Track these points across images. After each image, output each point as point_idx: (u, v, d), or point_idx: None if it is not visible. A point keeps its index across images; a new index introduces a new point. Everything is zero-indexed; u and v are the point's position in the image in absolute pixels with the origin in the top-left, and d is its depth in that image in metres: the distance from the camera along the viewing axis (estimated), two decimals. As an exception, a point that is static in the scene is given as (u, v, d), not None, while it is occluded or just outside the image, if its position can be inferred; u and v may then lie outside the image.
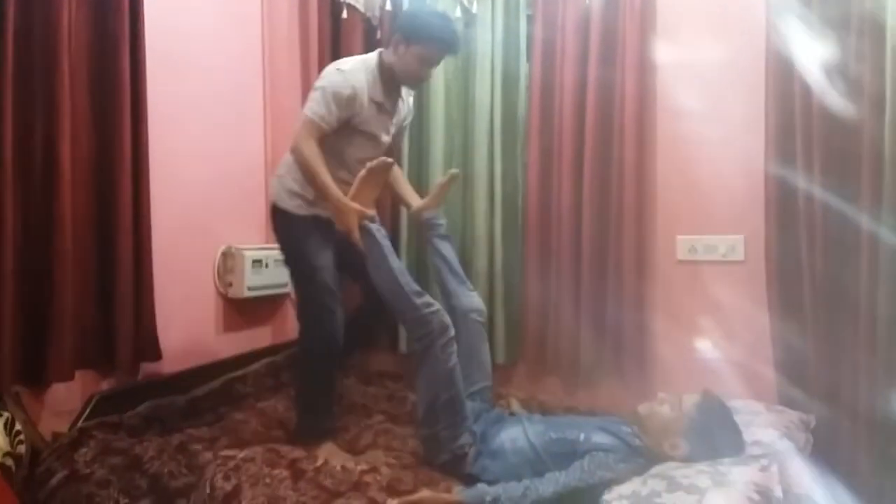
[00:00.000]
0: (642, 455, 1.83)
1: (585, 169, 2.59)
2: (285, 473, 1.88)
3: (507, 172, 2.80)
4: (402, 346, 2.94)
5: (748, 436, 1.81)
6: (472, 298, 2.35)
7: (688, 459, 1.73)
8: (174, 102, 2.57)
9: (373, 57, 2.27)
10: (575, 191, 2.63)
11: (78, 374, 2.18)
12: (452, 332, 2.04)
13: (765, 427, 1.90)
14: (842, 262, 2.15)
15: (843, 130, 2.12)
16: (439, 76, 2.81)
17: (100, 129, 2.26)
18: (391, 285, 2.06)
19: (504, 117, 2.77)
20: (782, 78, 2.26)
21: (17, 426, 1.94)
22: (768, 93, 2.30)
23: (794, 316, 2.29)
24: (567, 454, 1.85)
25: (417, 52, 2.17)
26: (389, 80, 2.26)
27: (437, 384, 2.00)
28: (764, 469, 1.59)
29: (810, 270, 2.21)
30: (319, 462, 1.95)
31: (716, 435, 1.79)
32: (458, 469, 1.98)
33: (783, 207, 2.28)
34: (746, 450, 1.77)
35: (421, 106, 2.90)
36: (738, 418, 2.01)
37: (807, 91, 2.19)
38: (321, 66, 3.00)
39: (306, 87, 3.18)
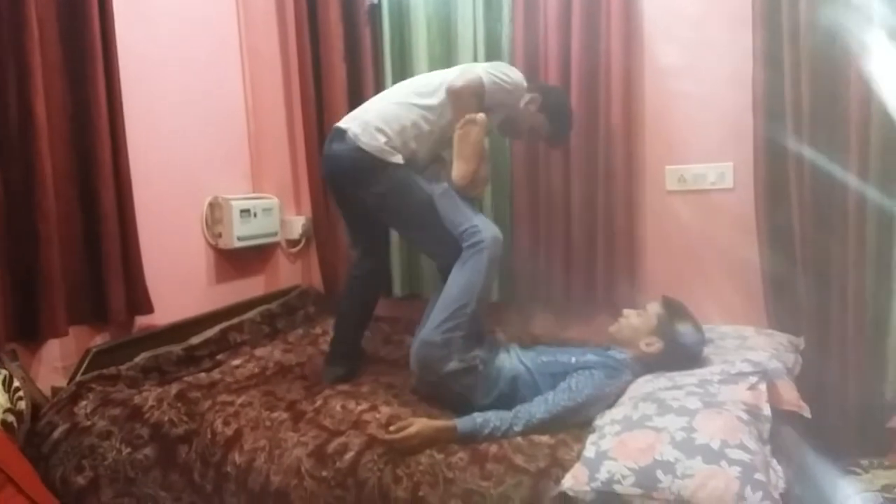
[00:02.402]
0: (628, 367, 1.91)
1: (572, 102, 2.54)
2: (284, 416, 1.90)
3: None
4: (397, 290, 2.94)
5: (737, 356, 1.84)
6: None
7: (663, 356, 1.88)
8: (147, 51, 2.51)
9: None
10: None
11: (72, 330, 2.20)
12: (499, 250, 2.09)
13: (754, 349, 1.93)
14: (831, 186, 2.15)
15: (833, 50, 2.08)
16: (419, 9, 2.75)
17: (73, 82, 2.22)
18: (453, 201, 2.13)
19: (487, 48, 2.70)
20: (770, 1, 2.21)
21: (16, 383, 1.96)
22: (755, 16, 2.24)
23: (782, 241, 2.29)
24: (558, 375, 1.90)
25: None
26: None
27: (471, 292, 2.01)
28: (753, 388, 1.62)
29: (799, 195, 2.21)
30: (318, 403, 1.98)
31: (680, 328, 1.91)
32: (462, 382, 1.97)
33: (772, 133, 2.26)
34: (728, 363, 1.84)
35: (403, 39, 2.85)
36: (726, 343, 2.04)
37: (795, 12, 2.14)
38: (297, 9, 2.94)
39: (282, 30, 3.11)
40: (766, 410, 1.57)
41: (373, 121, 2.14)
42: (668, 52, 2.51)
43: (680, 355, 1.89)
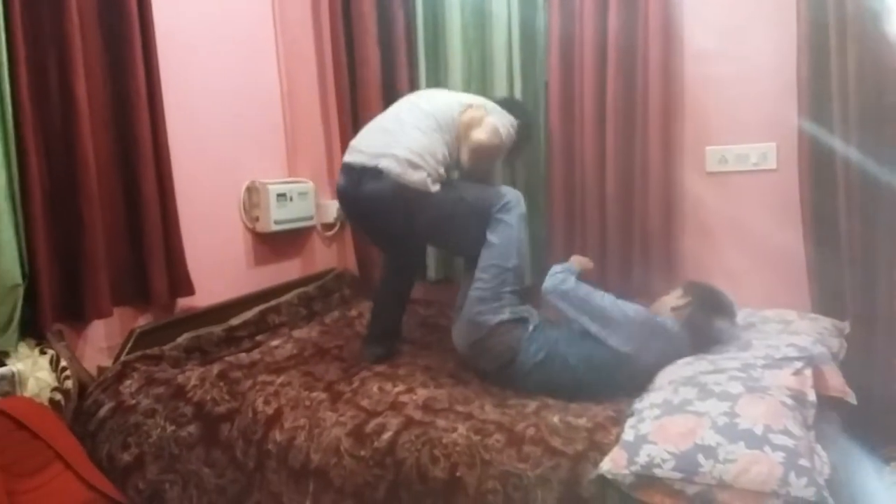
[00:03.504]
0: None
1: (609, 83, 2.50)
2: (323, 396, 1.93)
3: (527, 90, 2.72)
4: (431, 274, 2.95)
5: (781, 341, 1.80)
6: None
7: (692, 315, 1.94)
8: (184, 37, 2.53)
9: None
10: (598, 106, 2.54)
11: (116, 311, 2.25)
12: (524, 207, 2.20)
13: (798, 333, 1.89)
14: (878, 167, 2.08)
15: (881, 27, 2.01)
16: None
17: (112, 68, 2.25)
18: (474, 188, 2.24)
19: (522, 31, 2.67)
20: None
21: (63, 363, 2.02)
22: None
23: (827, 224, 2.23)
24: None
25: None
26: None
27: (509, 249, 2.10)
28: (797, 373, 1.59)
29: (845, 176, 2.15)
30: (355, 384, 2.00)
31: (710, 296, 2.00)
32: (513, 333, 2.02)
33: (817, 111, 2.20)
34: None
35: (437, 23, 2.83)
36: (769, 327, 2.01)
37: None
38: (331, -6, 2.94)
39: (316, 15, 3.11)
40: (812, 396, 1.55)
41: (406, 155, 2.11)
42: (709, 30, 2.44)
43: (707, 315, 1.95)
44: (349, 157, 2.23)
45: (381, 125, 2.27)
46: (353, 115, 2.99)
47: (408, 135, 2.16)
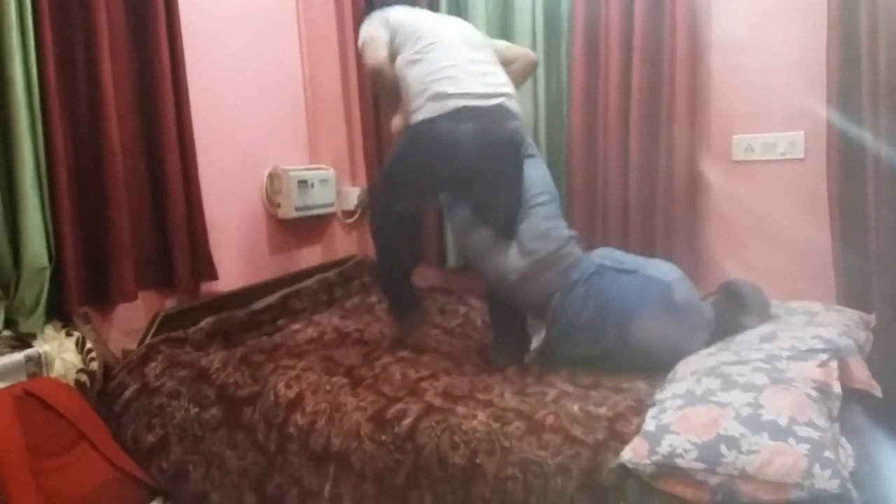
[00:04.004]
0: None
1: (634, 68, 2.47)
2: (344, 381, 1.94)
3: (551, 75, 2.70)
4: (451, 261, 2.95)
5: (806, 332, 1.77)
6: None
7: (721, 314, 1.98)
8: (207, 25, 2.55)
9: None
10: (622, 93, 2.52)
11: (141, 294, 2.28)
12: None
13: (824, 325, 1.86)
14: None
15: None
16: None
17: (138, 52, 2.27)
18: None
19: (546, 16, 2.65)
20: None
21: (88, 345, 2.05)
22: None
23: (855, 215, 2.20)
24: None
25: None
26: None
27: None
28: (823, 365, 1.56)
29: (874, 167, 2.11)
30: (377, 370, 2.01)
31: (739, 297, 1.99)
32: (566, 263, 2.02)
33: (846, 100, 2.16)
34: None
35: (460, 11, 2.81)
36: (794, 318, 1.98)
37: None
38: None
39: (339, 3, 3.10)
40: (837, 388, 1.52)
41: (512, 93, 2.10)
42: (737, 18, 2.41)
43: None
44: (467, 102, 2.00)
45: (466, 68, 2.07)
46: (374, 104, 2.98)
47: (500, 73, 2.11)
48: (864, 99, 2.11)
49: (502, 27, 2.75)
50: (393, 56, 2.15)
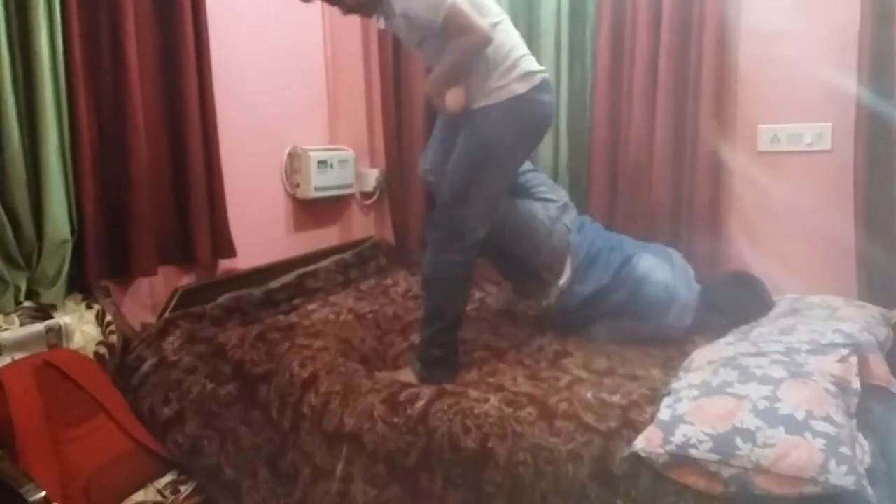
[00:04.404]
0: None
1: (661, 56, 2.42)
2: (358, 366, 1.95)
3: (574, 62, 2.66)
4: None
5: (827, 327, 1.75)
6: None
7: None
8: (232, 3, 2.54)
9: None
10: (648, 80, 2.47)
11: (161, 270, 2.30)
12: None
13: (845, 320, 1.83)
14: None
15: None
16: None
17: (163, 31, 2.29)
18: None
19: (572, 3, 2.61)
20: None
21: (108, 317, 2.08)
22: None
23: (881, 210, 2.15)
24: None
25: None
26: None
27: None
28: (842, 360, 1.55)
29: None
30: (389, 354, 2.02)
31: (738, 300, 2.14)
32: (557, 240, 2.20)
33: (878, 93, 2.10)
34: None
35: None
36: (815, 312, 1.96)
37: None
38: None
39: (363, -20, 3.08)
40: (856, 384, 1.51)
41: None
42: (768, 6, 2.35)
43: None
44: (544, 74, 1.99)
45: (519, 40, 2.02)
46: (395, 85, 2.97)
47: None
48: (895, 92, 2.06)
49: (527, 11, 2.71)
50: None
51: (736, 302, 2.15)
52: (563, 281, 2.19)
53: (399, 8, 1.90)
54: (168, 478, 1.91)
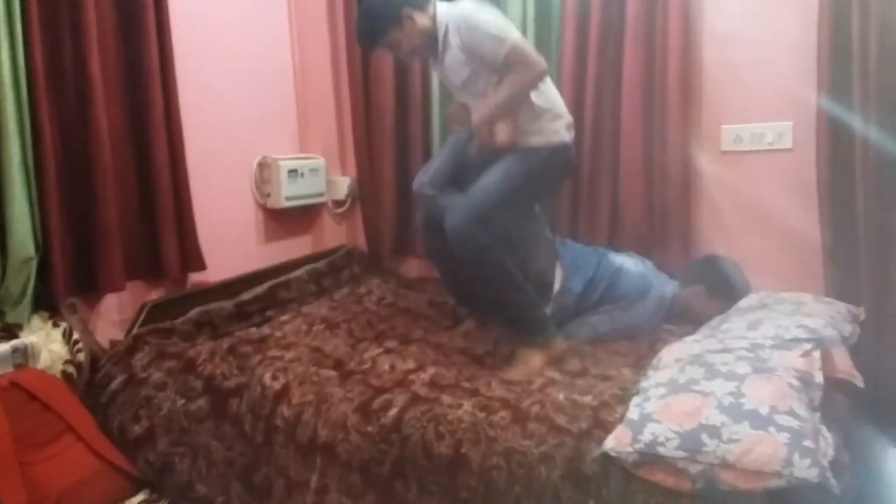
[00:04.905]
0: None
1: (625, 58, 2.45)
2: (332, 373, 1.94)
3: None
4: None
5: (791, 322, 1.78)
6: None
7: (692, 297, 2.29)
8: (196, 11, 2.53)
9: None
10: (613, 84, 2.51)
11: (129, 285, 2.27)
12: None
13: (811, 315, 1.86)
14: None
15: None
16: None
17: (126, 41, 2.26)
18: None
19: (538, 4, 2.63)
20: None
21: (76, 335, 2.05)
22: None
23: (844, 206, 2.19)
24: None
25: None
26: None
27: None
28: (806, 354, 1.57)
29: (863, 157, 2.10)
30: (366, 363, 2.02)
31: (719, 281, 2.26)
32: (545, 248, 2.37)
33: (836, 91, 2.15)
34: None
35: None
36: (783, 308, 1.98)
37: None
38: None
39: (329, -9, 3.08)
40: (819, 378, 1.53)
41: None
42: (728, 9, 2.39)
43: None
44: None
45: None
46: (364, 92, 2.97)
47: None
48: (854, 90, 2.10)
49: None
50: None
51: (722, 277, 2.26)
52: (557, 285, 2.30)
53: (460, 40, 2.05)
54: (140, 497, 1.88)
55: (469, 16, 2.04)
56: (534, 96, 2.07)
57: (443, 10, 2.12)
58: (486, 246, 2.00)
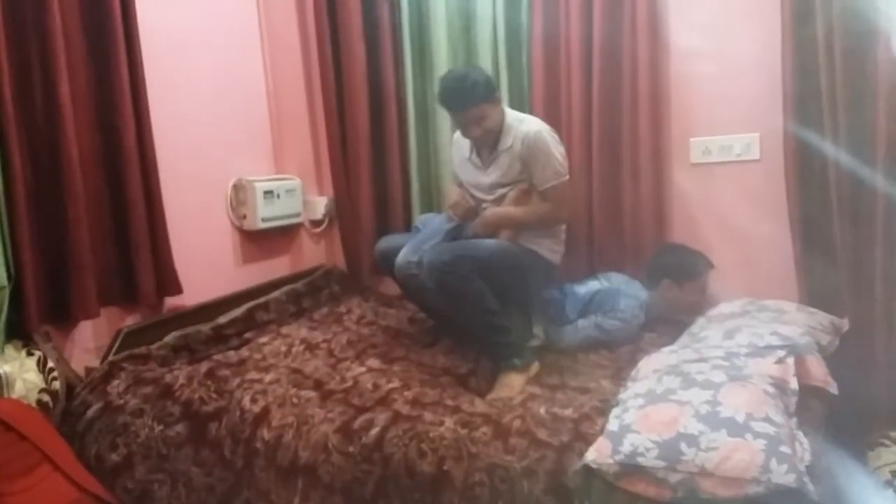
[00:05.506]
0: None
1: (594, 75, 2.50)
2: (312, 394, 1.93)
3: (513, 84, 2.72)
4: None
5: (766, 329, 1.81)
6: None
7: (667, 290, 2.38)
8: (167, 34, 2.52)
9: None
10: (584, 99, 2.55)
11: (103, 311, 2.24)
12: None
13: (789, 324, 1.89)
14: (863, 157, 2.06)
15: (865, 12, 2.01)
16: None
17: (96, 65, 2.24)
18: None
19: (507, 25, 2.67)
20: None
21: (50, 363, 2.01)
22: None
23: (813, 215, 2.23)
24: None
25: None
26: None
27: None
28: (780, 362, 1.60)
29: (830, 167, 2.13)
30: (348, 381, 2.01)
31: (681, 263, 2.38)
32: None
33: (802, 102, 2.20)
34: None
35: (421, 18, 2.84)
36: (762, 315, 2.00)
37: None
38: (317, -8, 2.93)
39: (301, 9, 3.10)
40: (794, 384, 1.56)
41: None
42: (693, 23, 2.45)
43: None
44: None
45: None
46: (339, 111, 2.98)
47: None
48: (823, 98, 2.13)
49: (464, 36, 2.77)
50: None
51: (679, 262, 2.38)
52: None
53: (522, 150, 2.20)
54: (119, 525, 1.85)
55: (544, 134, 2.21)
56: None
57: (513, 116, 2.29)
58: (464, 275, 2.04)
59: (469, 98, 2.16)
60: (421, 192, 2.96)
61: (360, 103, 2.92)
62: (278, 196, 2.94)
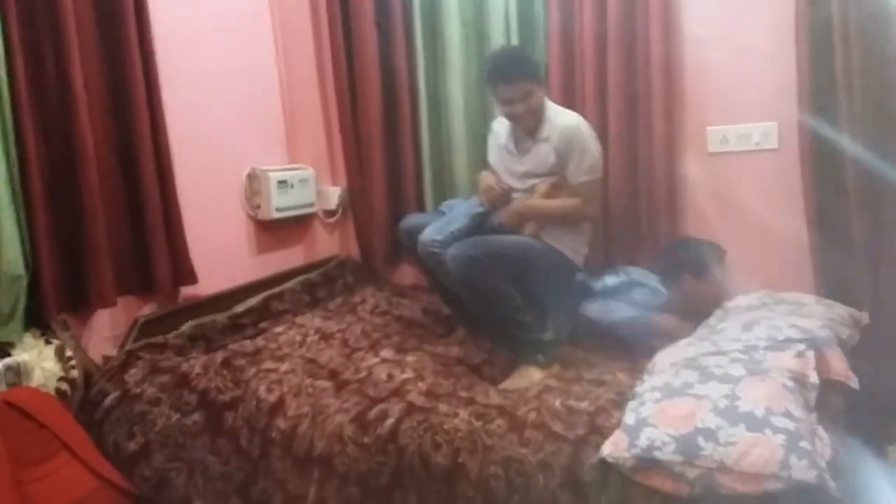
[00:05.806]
0: None
1: (609, 64, 2.47)
2: (327, 384, 1.94)
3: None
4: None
5: (785, 322, 1.78)
6: None
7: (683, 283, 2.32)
8: (180, 25, 2.52)
9: None
10: (599, 89, 2.52)
11: (120, 300, 2.25)
12: None
13: (808, 317, 1.86)
14: (881, 146, 2.04)
15: (884, 11, 1.97)
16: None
17: (109, 55, 2.25)
18: None
19: (520, 16, 2.64)
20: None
21: (68, 352, 2.03)
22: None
23: (831, 205, 2.20)
24: None
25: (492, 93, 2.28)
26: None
27: None
28: (800, 355, 1.58)
29: (848, 155, 2.10)
30: (362, 372, 2.01)
31: (696, 257, 2.33)
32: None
33: (819, 90, 2.16)
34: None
35: (433, 4, 2.82)
36: (781, 308, 1.98)
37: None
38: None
39: (313, 2, 3.08)
40: (813, 378, 1.54)
41: None
42: (707, 11, 2.41)
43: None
44: None
45: None
46: (351, 101, 2.97)
47: None
48: (838, 86, 2.10)
49: (477, 24, 2.74)
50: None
51: (696, 255, 2.32)
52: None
53: (560, 142, 2.18)
54: (136, 513, 1.87)
55: (583, 128, 2.21)
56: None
57: (553, 108, 2.28)
58: (487, 270, 2.05)
59: (522, 69, 2.17)
60: (434, 181, 2.94)
61: (373, 93, 2.91)
62: (292, 186, 2.94)
